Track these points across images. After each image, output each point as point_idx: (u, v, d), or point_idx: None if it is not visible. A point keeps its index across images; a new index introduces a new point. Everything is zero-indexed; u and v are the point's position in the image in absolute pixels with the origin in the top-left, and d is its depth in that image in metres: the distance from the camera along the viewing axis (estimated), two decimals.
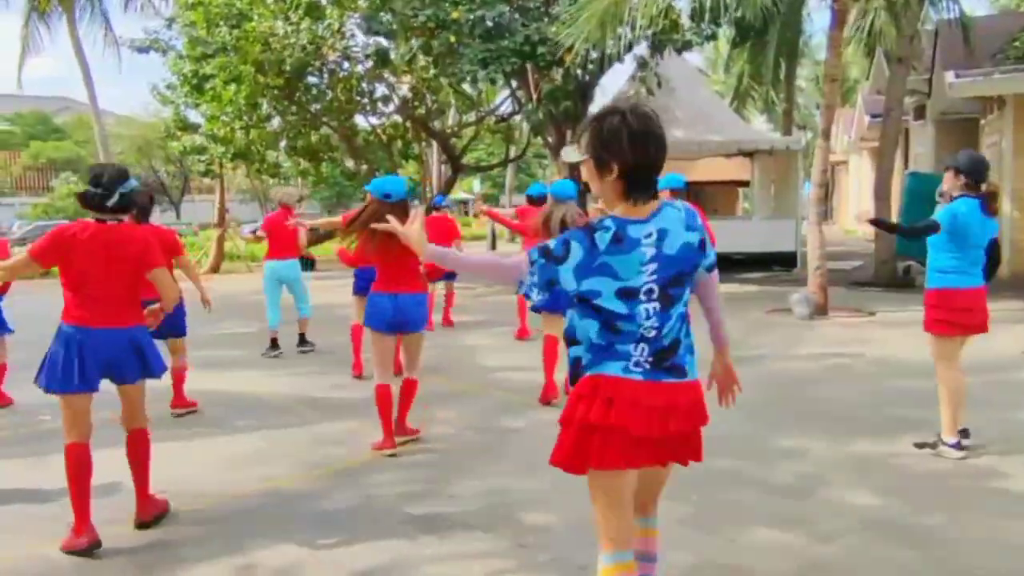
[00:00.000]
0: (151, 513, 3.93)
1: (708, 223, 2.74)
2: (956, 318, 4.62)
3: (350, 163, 20.51)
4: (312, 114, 17.19)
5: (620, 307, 2.29)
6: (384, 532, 3.81)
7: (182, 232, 32.66)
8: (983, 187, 4.64)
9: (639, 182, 2.30)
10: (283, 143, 18.71)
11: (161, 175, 38.82)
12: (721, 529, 3.77)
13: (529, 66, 12.66)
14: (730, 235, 16.57)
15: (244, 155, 17.21)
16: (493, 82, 11.97)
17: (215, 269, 20.01)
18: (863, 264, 15.64)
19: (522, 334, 8.97)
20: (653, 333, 2.31)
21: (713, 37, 12.71)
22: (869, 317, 10.06)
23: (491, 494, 4.32)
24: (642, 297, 2.29)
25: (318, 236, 15.52)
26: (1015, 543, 3.58)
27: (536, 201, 7.95)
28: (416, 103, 18.26)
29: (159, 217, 37.57)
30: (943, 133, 16.81)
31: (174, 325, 5.86)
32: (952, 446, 4.66)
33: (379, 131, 19.72)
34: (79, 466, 3.64)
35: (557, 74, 12.11)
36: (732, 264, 17.01)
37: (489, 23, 10.82)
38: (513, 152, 22.00)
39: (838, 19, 9.24)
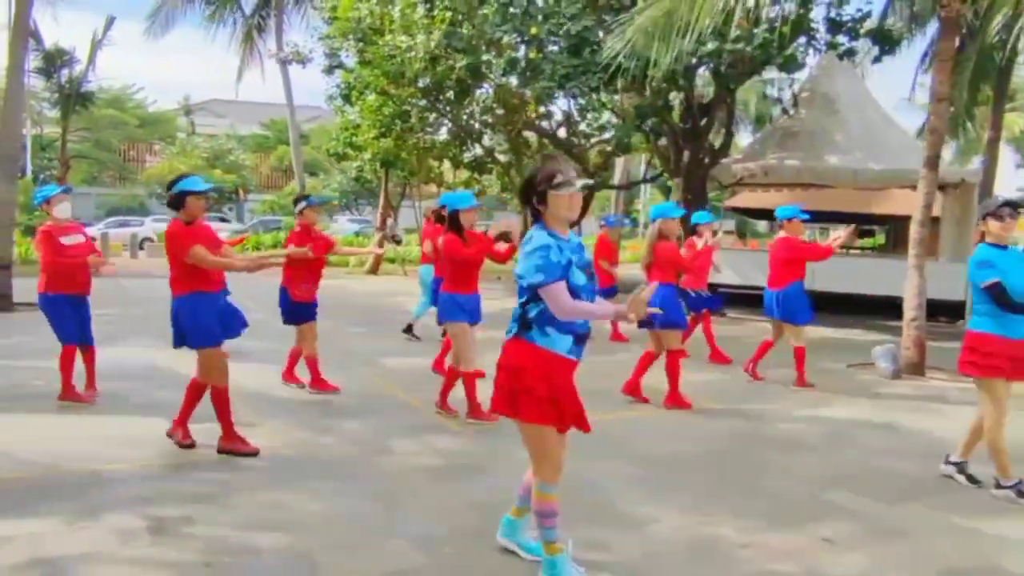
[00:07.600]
0: None
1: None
2: None
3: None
4: (467, 127, 17.54)
5: None
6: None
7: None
8: None
9: None
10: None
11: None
12: None
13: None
14: (896, 278, 14.51)
15: (391, 163, 18.04)
16: (575, 98, 11.50)
17: (374, 271, 21.20)
18: None
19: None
20: None
21: (850, 53, 11.22)
22: (969, 383, 8.33)
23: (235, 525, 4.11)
24: None
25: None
26: None
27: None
28: (578, 119, 18.04)
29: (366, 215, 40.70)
30: None
31: None
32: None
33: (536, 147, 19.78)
34: None
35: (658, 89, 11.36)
36: (876, 309, 15.01)
37: (573, 38, 10.41)
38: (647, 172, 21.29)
39: (947, 28, 7.69)
